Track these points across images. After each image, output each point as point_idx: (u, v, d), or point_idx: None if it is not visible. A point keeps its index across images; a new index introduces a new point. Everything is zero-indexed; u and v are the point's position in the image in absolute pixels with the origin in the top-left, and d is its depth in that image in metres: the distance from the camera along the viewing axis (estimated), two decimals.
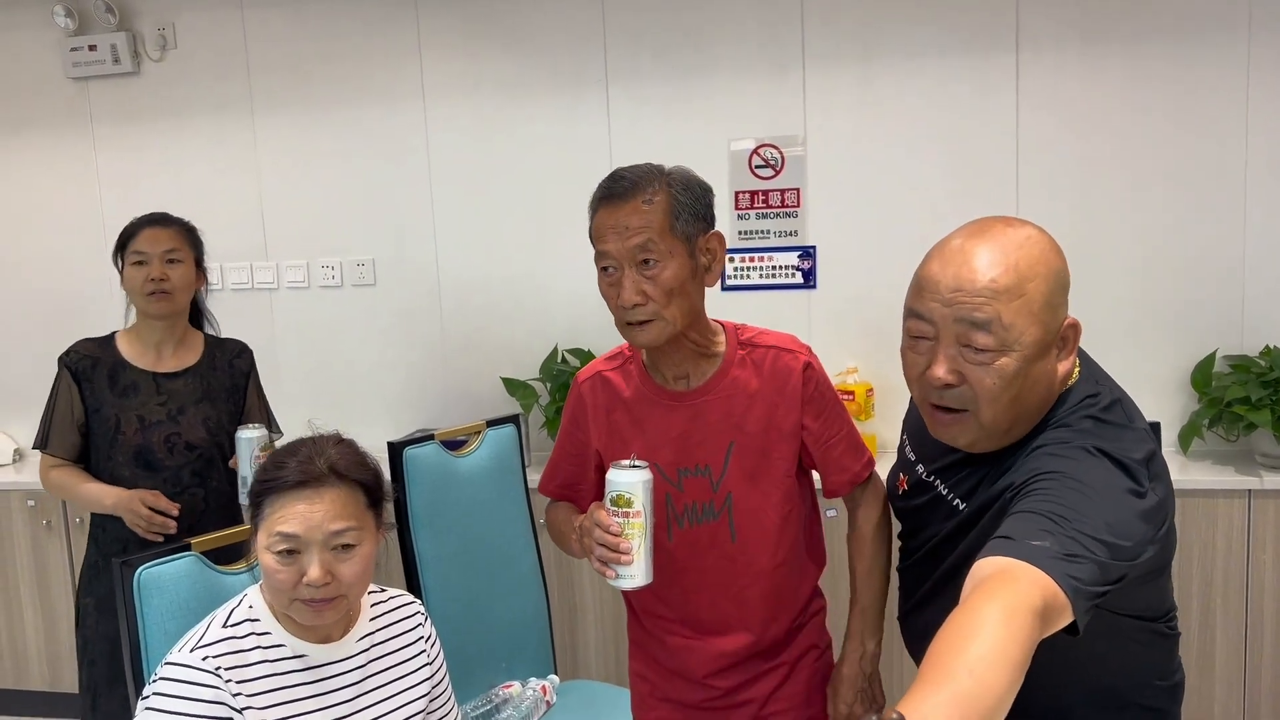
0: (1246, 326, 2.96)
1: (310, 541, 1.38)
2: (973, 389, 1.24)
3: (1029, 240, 1.25)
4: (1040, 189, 3.02)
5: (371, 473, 1.46)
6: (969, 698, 0.88)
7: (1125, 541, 1.13)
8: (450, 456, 2.32)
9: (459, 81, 3.36)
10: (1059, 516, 1.11)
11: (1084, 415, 1.27)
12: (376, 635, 1.53)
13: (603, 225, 1.51)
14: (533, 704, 2.25)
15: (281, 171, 3.51)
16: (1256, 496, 2.70)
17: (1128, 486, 1.19)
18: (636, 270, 1.48)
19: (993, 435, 1.28)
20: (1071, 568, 1.06)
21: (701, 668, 1.63)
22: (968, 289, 1.22)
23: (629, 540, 1.40)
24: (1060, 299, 1.26)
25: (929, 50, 3.05)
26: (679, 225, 1.49)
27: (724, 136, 3.20)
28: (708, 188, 1.57)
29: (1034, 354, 1.23)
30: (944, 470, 1.41)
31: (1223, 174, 2.93)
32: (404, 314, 3.49)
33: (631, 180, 1.50)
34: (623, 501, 1.40)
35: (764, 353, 1.60)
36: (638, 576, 1.42)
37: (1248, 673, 2.76)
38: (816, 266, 3.21)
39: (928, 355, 1.28)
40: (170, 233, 2.38)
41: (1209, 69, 2.90)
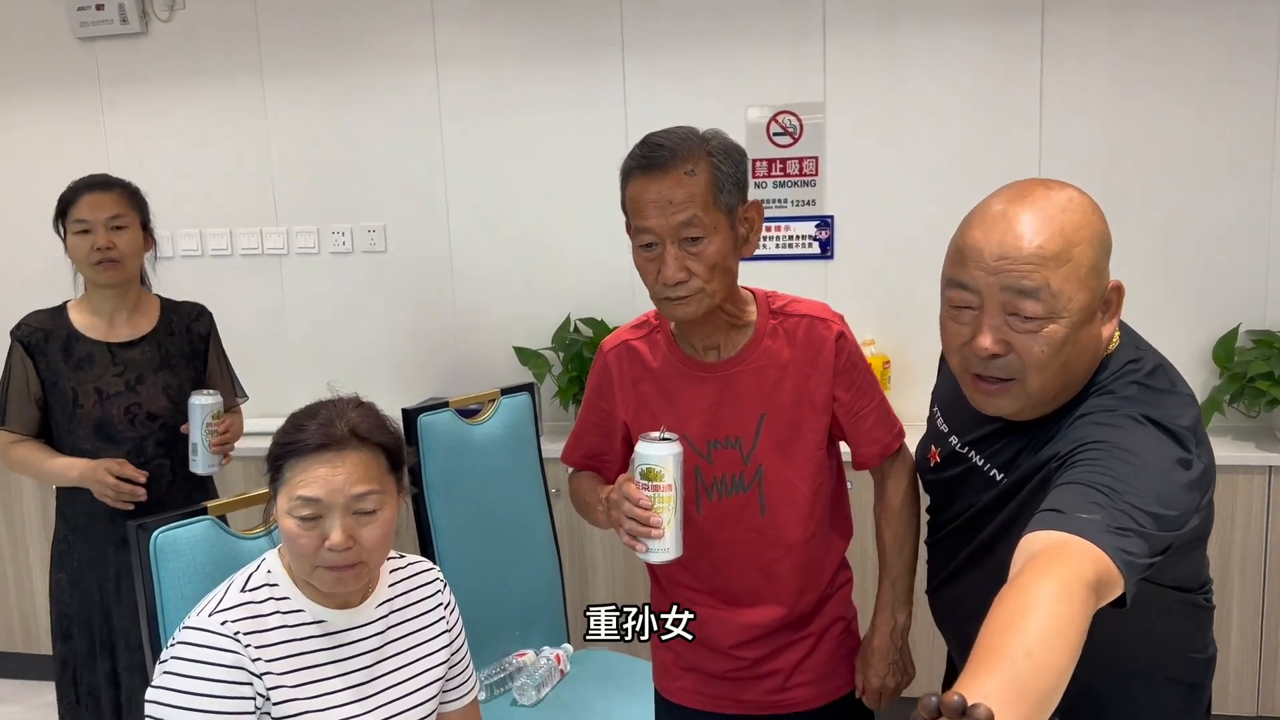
0: (1270, 301, 2.92)
1: (332, 505, 1.35)
2: (1020, 358, 1.21)
3: (1071, 203, 1.21)
4: (1063, 160, 2.97)
5: (393, 436, 1.44)
6: (1027, 679, 0.86)
7: (1173, 511, 1.10)
8: (465, 424, 2.29)
9: (473, 47, 3.30)
10: (1108, 488, 1.09)
11: (1129, 381, 1.24)
12: (395, 602, 1.51)
13: (641, 198, 1.44)
14: (546, 672, 2.25)
15: (292, 136, 3.47)
16: (1277, 474, 2.67)
17: (1176, 455, 1.16)
18: (680, 246, 1.43)
19: (1039, 403, 1.26)
20: (1122, 541, 1.04)
21: (728, 638, 1.61)
22: (1013, 256, 1.18)
23: (659, 514, 1.37)
24: (1104, 262, 1.22)
25: (952, 16, 2.99)
26: (722, 198, 1.44)
27: (742, 103, 3.15)
28: (744, 152, 1.51)
29: (1081, 320, 1.20)
30: (980, 441, 1.38)
31: (1252, 146, 2.88)
32: (415, 281, 3.46)
33: (671, 148, 1.43)
34: (653, 475, 1.37)
35: (796, 322, 1.56)
36: (669, 550, 1.39)
37: (1264, 649, 2.74)
38: (834, 236, 3.17)
39: (972, 325, 1.24)
40: (113, 197, 2.26)
41: (1240, 39, 2.84)
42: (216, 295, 2.76)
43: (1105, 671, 1.31)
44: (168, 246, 3.50)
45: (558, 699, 2.20)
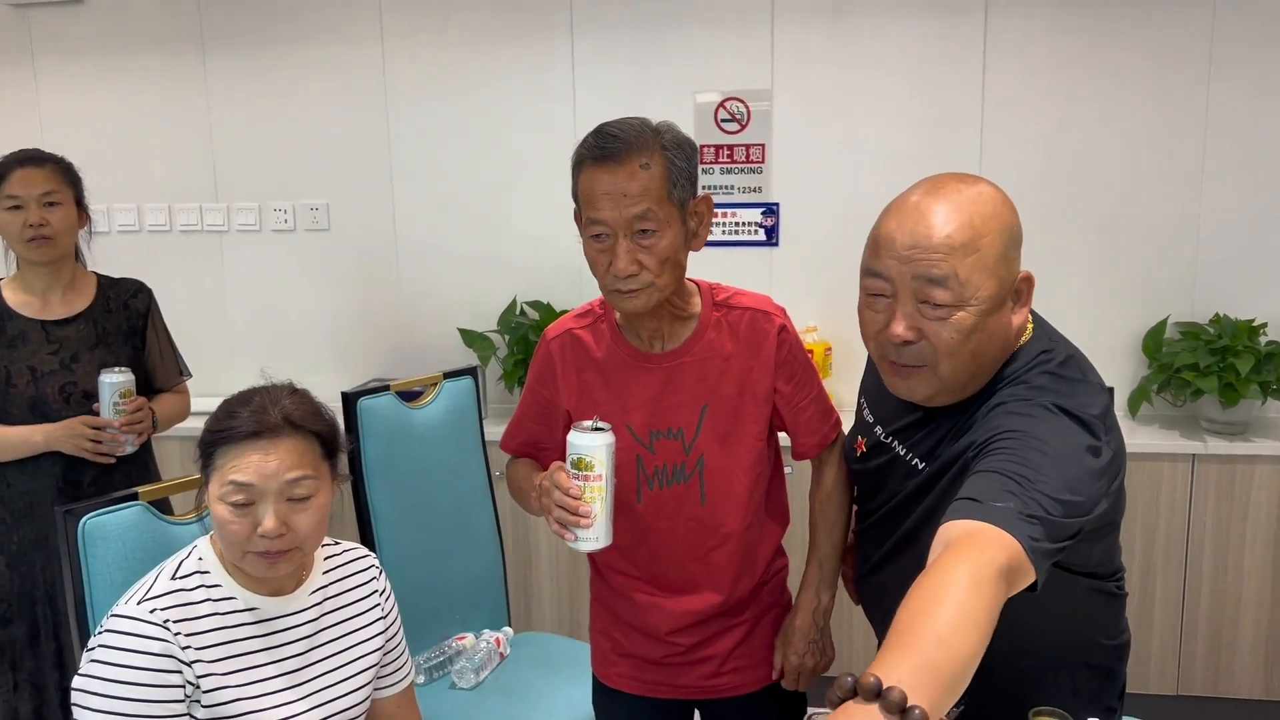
0: (1198, 294, 3.01)
1: (265, 492, 1.35)
2: (931, 344, 1.26)
3: (981, 196, 1.25)
4: (1004, 153, 3.03)
5: (327, 423, 1.43)
6: (939, 664, 0.90)
7: (1079, 497, 1.15)
8: (406, 408, 2.28)
9: (420, 23, 3.26)
10: (1020, 477, 1.12)
11: (1041, 371, 1.29)
12: (330, 589, 1.51)
13: (594, 188, 1.43)
14: (486, 655, 2.25)
15: (233, 110, 3.40)
16: (1200, 461, 2.76)
17: (1086, 443, 1.20)
18: (632, 239, 1.43)
19: (951, 389, 1.30)
20: (1032, 528, 1.07)
21: (665, 625, 1.63)
22: (924, 245, 1.23)
23: (588, 504, 1.38)
24: (1014, 253, 1.27)
25: (899, 9, 3.02)
26: (676, 192, 1.44)
27: (690, 89, 3.16)
28: (695, 146, 1.51)
29: (990, 307, 1.24)
30: (902, 431, 1.41)
31: (1182, 143, 2.96)
32: (359, 261, 3.42)
33: (626, 140, 1.42)
34: (583, 465, 1.38)
35: (740, 314, 1.58)
36: (597, 540, 1.40)
37: (1183, 632, 2.85)
38: (779, 224, 3.19)
39: (886, 313, 1.29)
40: (45, 173, 2.21)
41: (1174, 39, 2.91)
42: (154, 272, 2.71)
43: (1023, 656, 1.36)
44: (104, 222, 3.43)
45: (496, 682, 2.21)
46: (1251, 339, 2.80)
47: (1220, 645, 2.84)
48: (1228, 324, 2.85)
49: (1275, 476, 2.73)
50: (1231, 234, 2.97)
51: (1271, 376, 2.75)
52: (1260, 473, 2.74)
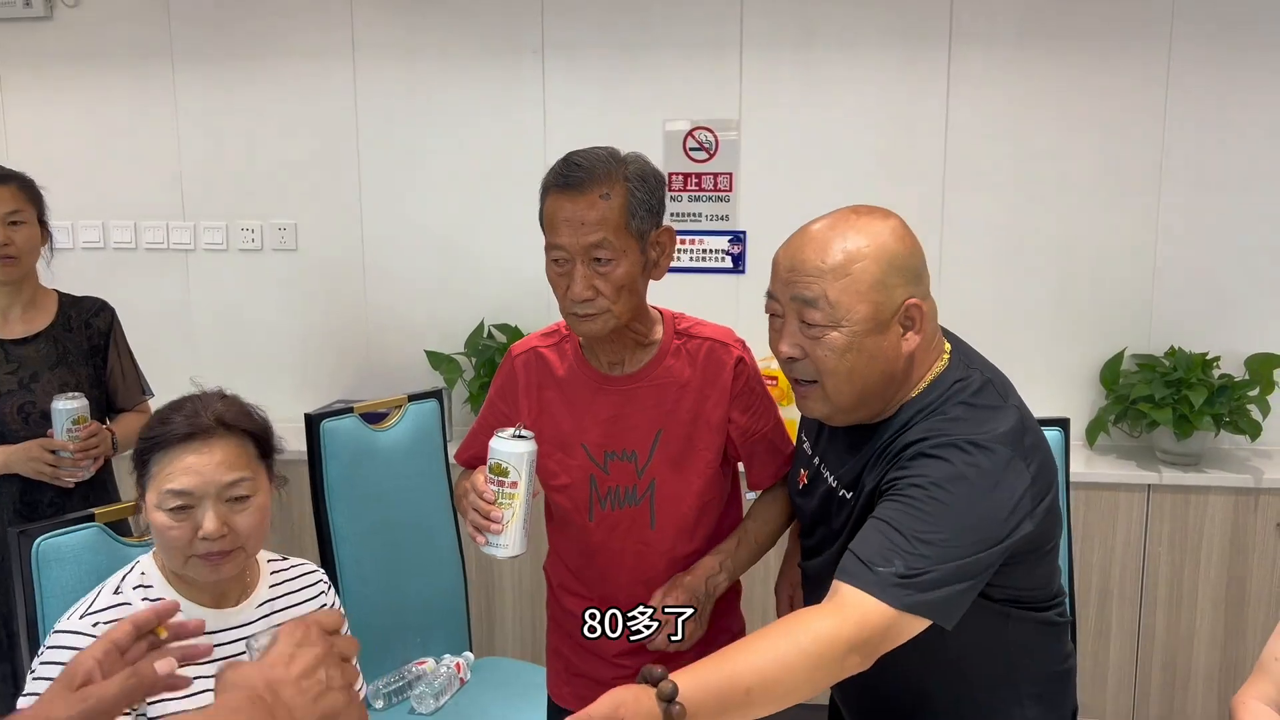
0: (1155, 327, 3.07)
1: (203, 495, 1.35)
2: (813, 363, 1.33)
3: (870, 227, 1.33)
4: (966, 184, 3.08)
5: (260, 423, 1.45)
6: (732, 706, 1.09)
7: (991, 533, 1.23)
8: (370, 430, 2.28)
9: (392, 44, 3.28)
10: (913, 535, 1.21)
11: (956, 402, 1.33)
12: (277, 602, 1.50)
13: (555, 215, 1.48)
14: (446, 680, 2.24)
15: (201, 129, 3.39)
16: (1155, 491, 2.81)
17: (998, 475, 1.26)
18: (589, 265, 1.47)
19: (842, 408, 1.36)
20: (911, 593, 1.18)
21: (612, 647, 1.64)
22: (799, 269, 1.32)
23: (500, 510, 1.41)
24: (895, 280, 1.32)
25: (865, 42, 3.08)
26: (634, 223, 1.48)
27: (659, 116, 3.19)
28: (662, 179, 1.55)
29: (865, 330, 1.30)
30: (827, 455, 1.47)
31: (1140, 178, 3.03)
32: (326, 281, 3.41)
33: (589, 170, 1.47)
34: (499, 470, 1.41)
35: (699, 344, 1.61)
36: (508, 547, 1.43)
37: (1139, 662, 2.88)
38: (746, 251, 3.23)
39: (779, 332, 1.38)
40: (10, 191, 2.20)
41: (1131, 77, 2.98)
42: (119, 291, 2.69)
43: (967, 688, 1.38)
44: (67, 238, 3.40)
45: (455, 707, 2.20)
46: (1205, 372, 2.86)
47: (1175, 675, 2.88)
48: (1182, 357, 2.91)
49: (1228, 507, 2.79)
50: (1187, 269, 3.04)
51: (1224, 409, 2.81)
52: (1213, 503, 2.79)
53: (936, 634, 1.21)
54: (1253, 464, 2.88)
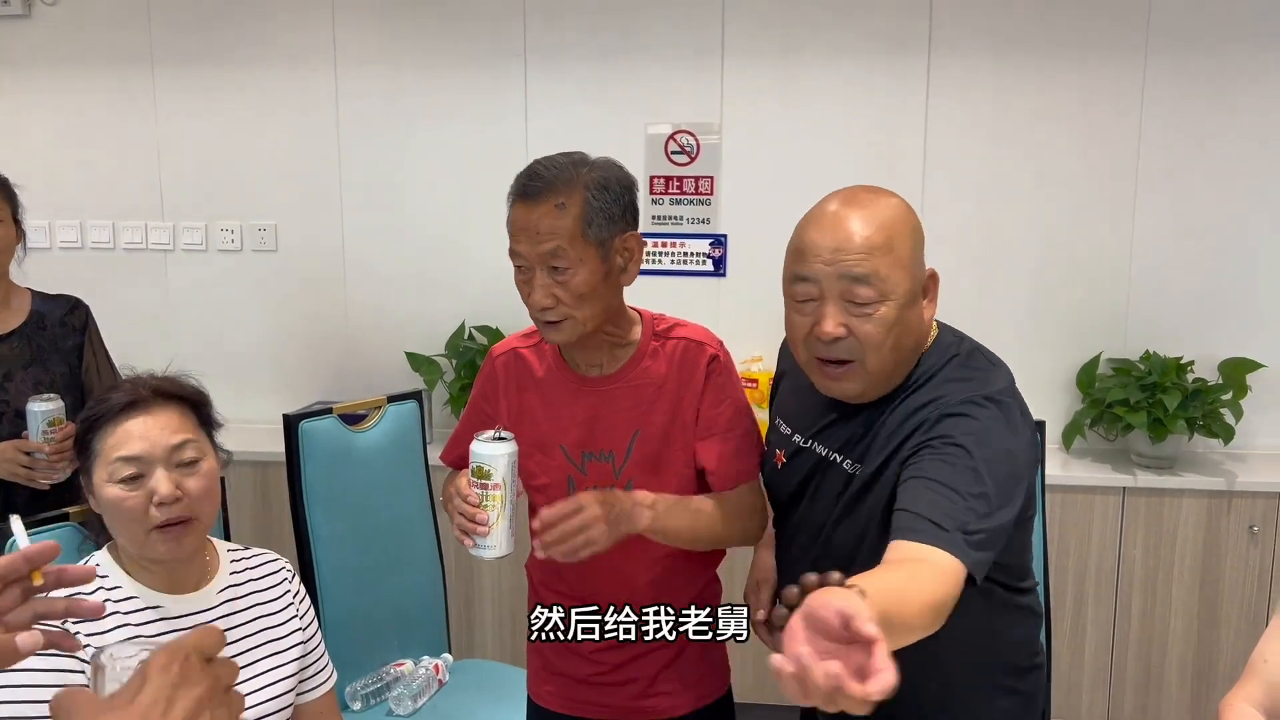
0: (1130, 331, 3.10)
1: (153, 459, 1.35)
2: (859, 339, 1.36)
3: (890, 203, 1.40)
4: (945, 191, 3.11)
5: (197, 391, 1.46)
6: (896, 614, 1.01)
7: (1021, 480, 1.30)
8: (349, 431, 2.27)
9: (373, 48, 3.28)
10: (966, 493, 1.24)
11: (957, 365, 1.41)
12: (239, 589, 1.49)
13: (516, 223, 1.51)
14: (424, 682, 2.24)
15: (182, 128, 3.38)
16: (1130, 494, 2.84)
17: (1010, 433, 1.33)
18: (548, 273, 1.49)
19: (878, 382, 1.40)
20: (979, 552, 1.20)
21: (590, 644, 1.65)
22: (847, 248, 1.35)
23: (486, 512, 1.43)
24: (921, 253, 1.41)
25: (845, 49, 3.10)
26: (591, 231, 1.48)
27: (641, 120, 3.20)
28: (629, 184, 1.55)
29: (906, 301, 1.36)
30: (824, 432, 1.48)
31: (1115, 185, 3.06)
32: (306, 282, 3.40)
33: (547, 180, 1.49)
34: (482, 473, 1.42)
35: (676, 344, 1.62)
36: (495, 548, 1.45)
37: (1114, 663, 2.91)
38: (727, 255, 3.24)
39: (814, 314, 1.38)
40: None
41: (1107, 84, 3.02)
42: (96, 291, 2.67)
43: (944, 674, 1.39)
44: (44, 237, 3.38)
45: (434, 709, 2.20)
46: (1179, 376, 2.90)
47: (1149, 676, 2.90)
48: (1157, 361, 2.94)
49: (1201, 510, 2.82)
50: (1161, 274, 3.07)
51: (1198, 413, 2.84)
52: (1187, 506, 2.82)
53: None
54: (1226, 467, 2.91)
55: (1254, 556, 2.81)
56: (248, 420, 3.36)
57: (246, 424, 3.34)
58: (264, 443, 2.97)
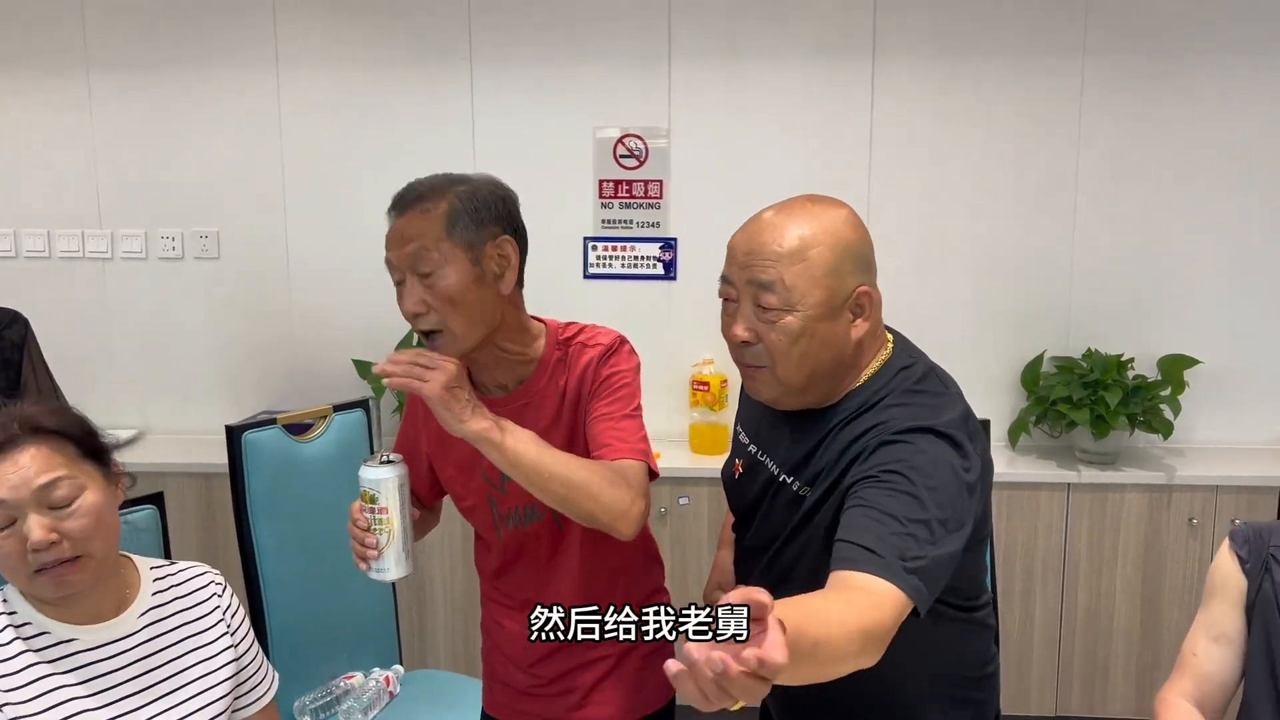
0: (1072, 330, 3.16)
1: (21, 504, 1.29)
2: (766, 346, 1.35)
3: (824, 214, 1.36)
4: (890, 191, 3.14)
5: (74, 421, 1.38)
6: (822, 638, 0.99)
7: (956, 521, 1.24)
8: (293, 442, 2.23)
9: (316, 50, 3.23)
10: (906, 518, 1.20)
11: (905, 390, 1.37)
12: (163, 610, 1.44)
13: (388, 234, 1.50)
14: (375, 694, 2.21)
15: (118, 133, 3.30)
16: (1074, 490, 2.89)
17: (956, 463, 1.28)
18: (419, 280, 1.45)
19: (791, 391, 1.38)
20: (918, 579, 1.16)
21: (526, 655, 1.63)
22: (757, 253, 1.34)
23: (374, 536, 1.43)
24: (848, 267, 1.35)
25: (791, 52, 3.12)
26: (456, 232, 1.44)
27: (590, 124, 3.19)
28: (505, 195, 1.51)
29: (818, 315, 1.33)
30: (770, 444, 1.48)
31: (1056, 186, 3.12)
32: (250, 290, 3.34)
33: (418, 191, 1.49)
34: (369, 498, 1.43)
35: (578, 349, 1.57)
36: (387, 571, 1.45)
37: (1061, 655, 2.96)
38: (677, 258, 3.24)
39: (732, 316, 1.39)
40: None
41: (1047, 88, 3.07)
42: (32, 302, 2.58)
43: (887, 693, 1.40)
44: None
45: None
46: (1120, 373, 2.96)
47: (1095, 667, 2.96)
48: (1099, 359, 3.00)
49: (1143, 504, 2.88)
50: (1102, 273, 3.13)
51: (1138, 409, 2.90)
52: (1129, 501, 2.88)
53: None
54: (1166, 462, 2.98)
55: (1193, 548, 2.88)
56: (191, 431, 3.30)
57: (190, 435, 3.28)
58: (208, 454, 2.91)
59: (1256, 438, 3.11)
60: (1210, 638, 1.50)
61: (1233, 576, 1.50)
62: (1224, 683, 1.49)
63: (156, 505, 1.83)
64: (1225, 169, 3.06)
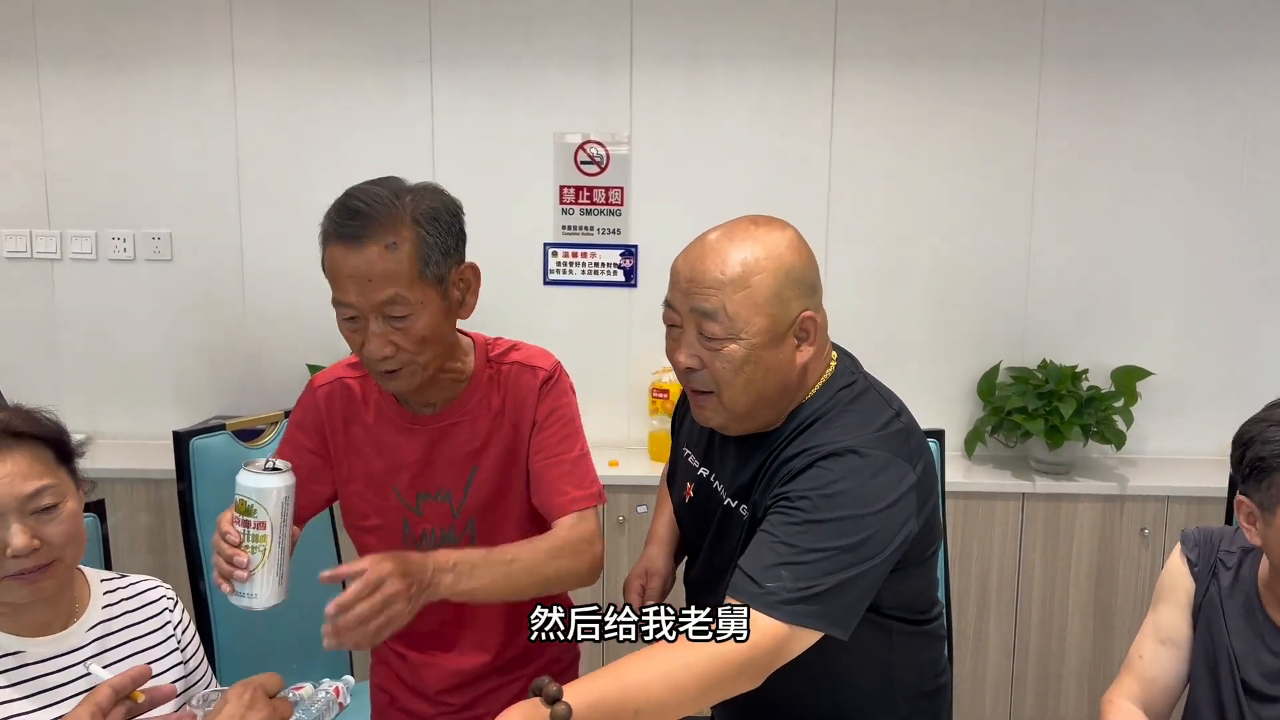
0: (1028, 340, 3.19)
1: (4, 510, 1.26)
2: (711, 374, 1.33)
3: (767, 238, 1.33)
4: (849, 199, 3.15)
5: (52, 426, 1.35)
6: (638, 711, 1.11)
7: (880, 538, 1.24)
8: (243, 448, 2.19)
9: (273, 50, 3.18)
10: (802, 548, 1.21)
11: (842, 409, 1.36)
12: (112, 624, 1.40)
13: (339, 270, 1.34)
14: (324, 705, 2.15)
15: (68, 131, 3.23)
16: (1029, 500, 2.91)
17: (881, 480, 1.27)
18: (382, 321, 1.35)
19: (737, 417, 1.36)
20: (810, 605, 1.18)
21: (435, 684, 1.60)
22: (699, 280, 1.31)
23: (246, 554, 1.23)
24: (792, 293, 1.32)
25: (753, 58, 3.12)
26: (429, 270, 1.35)
27: (550, 129, 3.17)
28: (457, 209, 1.43)
29: (762, 342, 1.31)
30: (717, 465, 1.47)
31: (1013, 195, 3.15)
32: (203, 293, 3.28)
33: (369, 217, 1.33)
34: (245, 509, 1.24)
35: (509, 369, 1.53)
36: (255, 596, 1.26)
37: (1015, 665, 2.98)
38: (638, 265, 3.23)
39: (677, 342, 1.37)
40: None
41: (1004, 98, 3.10)
42: None
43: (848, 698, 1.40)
44: None
45: None
46: (1074, 384, 2.99)
47: (1048, 675, 2.98)
48: (1053, 370, 3.03)
49: (1096, 514, 2.91)
50: (1057, 284, 3.17)
51: (1092, 420, 2.93)
52: (1083, 510, 2.91)
53: (821, 649, 1.22)
54: (1119, 472, 3.01)
55: (1145, 558, 2.91)
56: (141, 437, 3.23)
57: (140, 440, 3.21)
58: (157, 460, 2.85)
59: (1205, 448, 3.15)
60: (1157, 640, 1.52)
61: (1182, 580, 1.51)
62: (1169, 686, 1.51)
63: (98, 514, 1.79)
64: (1182, 181, 3.11)
